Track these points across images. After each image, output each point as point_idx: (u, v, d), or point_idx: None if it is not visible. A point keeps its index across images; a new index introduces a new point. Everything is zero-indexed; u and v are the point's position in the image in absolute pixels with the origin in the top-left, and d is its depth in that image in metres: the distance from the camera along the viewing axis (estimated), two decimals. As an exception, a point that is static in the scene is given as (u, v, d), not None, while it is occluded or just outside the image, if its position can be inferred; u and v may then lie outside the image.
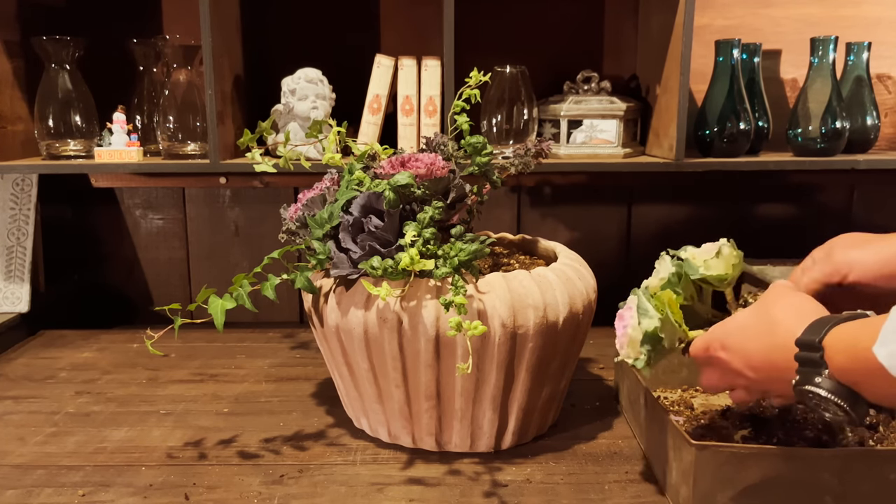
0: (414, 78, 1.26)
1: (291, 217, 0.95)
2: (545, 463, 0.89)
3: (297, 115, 1.26)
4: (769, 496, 0.73)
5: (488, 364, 0.85)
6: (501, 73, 1.27)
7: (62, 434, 0.97)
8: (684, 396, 1.03)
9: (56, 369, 1.20)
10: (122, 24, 1.40)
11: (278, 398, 1.08)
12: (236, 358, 1.25)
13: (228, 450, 0.92)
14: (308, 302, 0.93)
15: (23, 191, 1.39)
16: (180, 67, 1.26)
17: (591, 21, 1.44)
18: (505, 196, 1.51)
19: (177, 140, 1.27)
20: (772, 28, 1.41)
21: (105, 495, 0.82)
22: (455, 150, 0.98)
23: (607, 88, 1.33)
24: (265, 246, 1.51)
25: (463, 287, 0.80)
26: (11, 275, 1.37)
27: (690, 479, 0.73)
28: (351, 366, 0.91)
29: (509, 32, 1.44)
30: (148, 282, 1.55)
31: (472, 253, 0.84)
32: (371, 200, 0.87)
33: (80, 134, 1.29)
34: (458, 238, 0.89)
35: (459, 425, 0.89)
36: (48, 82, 1.27)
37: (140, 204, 1.53)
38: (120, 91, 1.34)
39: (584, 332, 0.93)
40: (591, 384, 1.13)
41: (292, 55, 1.37)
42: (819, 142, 1.29)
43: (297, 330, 1.41)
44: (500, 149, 1.27)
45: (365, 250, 0.86)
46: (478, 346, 0.83)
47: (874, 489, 0.72)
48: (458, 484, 0.84)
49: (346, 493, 0.82)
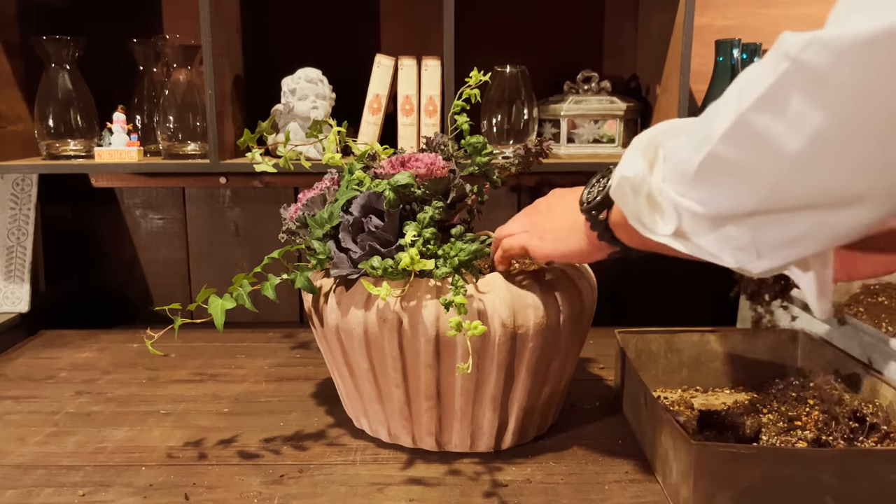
0: (414, 78, 1.26)
1: (291, 217, 0.95)
2: (545, 463, 0.89)
3: (297, 115, 1.26)
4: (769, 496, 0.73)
5: (488, 364, 0.85)
6: (501, 72, 1.27)
7: (62, 434, 0.97)
8: (684, 396, 1.03)
9: (56, 369, 1.20)
10: (122, 23, 1.40)
11: (278, 398, 1.08)
12: (236, 358, 1.25)
13: (228, 450, 0.92)
14: (308, 302, 0.93)
15: (23, 191, 1.39)
16: (180, 67, 1.26)
17: (591, 21, 1.44)
18: (505, 196, 1.51)
19: (177, 140, 1.27)
20: (772, 28, 1.41)
21: (105, 495, 0.82)
22: (455, 150, 0.98)
23: (607, 88, 1.33)
24: (265, 246, 1.51)
25: (463, 287, 0.80)
26: (11, 275, 1.37)
27: (690, 479, 0.73)
28: (351, 366, 0.90)
29: (509, 32, 1.44)
30: (148, 282, 1.55)
31: (473, 253, 0.84)
32: (371, 200, 0.87)
33: (80, 134, 1.29)
34: (458, 238, 0.89)
35: (459, 425, 0.89)
36: (48, 82, 1.27)
37: (140, 204, 1.53)
38: (120, 91, 1.34)
39: (584, 332, 0.93)
40: (591, 384, 1.13)
41: (292, 55, 1.37)
42: (819, 142, 1.29)
43: (297, 330, 1.41)
44: (500, 149, 1.27)
45: (365, 250, 0.86)
46: (478, 346, 0.83)
47: (874, 489, 0.72)
48: (458, 484, 0.84)
49: (346, 493, 0.82)
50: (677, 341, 1.08)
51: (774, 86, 0.43)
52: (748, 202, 0.48)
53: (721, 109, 0.48)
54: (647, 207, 0.58)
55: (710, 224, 0.52)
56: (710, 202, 0.51)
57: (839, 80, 0.41)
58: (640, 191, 0.58)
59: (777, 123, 0.44)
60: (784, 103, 0.43)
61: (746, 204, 0.48)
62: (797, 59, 0.42)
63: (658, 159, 0.58)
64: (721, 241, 0.52)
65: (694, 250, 0.56)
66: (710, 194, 0.51)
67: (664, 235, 0.57)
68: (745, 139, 0.46)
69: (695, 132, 0.51)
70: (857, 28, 0.39)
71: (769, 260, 0.51)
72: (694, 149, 0.50)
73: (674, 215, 0.55)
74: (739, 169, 0.47)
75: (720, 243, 0.53)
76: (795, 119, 0.43)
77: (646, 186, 0.57)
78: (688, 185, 0.52)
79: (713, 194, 0.51)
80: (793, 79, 0.43)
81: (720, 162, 0.48)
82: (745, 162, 0.47)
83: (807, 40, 0.41)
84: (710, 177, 0.50)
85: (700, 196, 0.52)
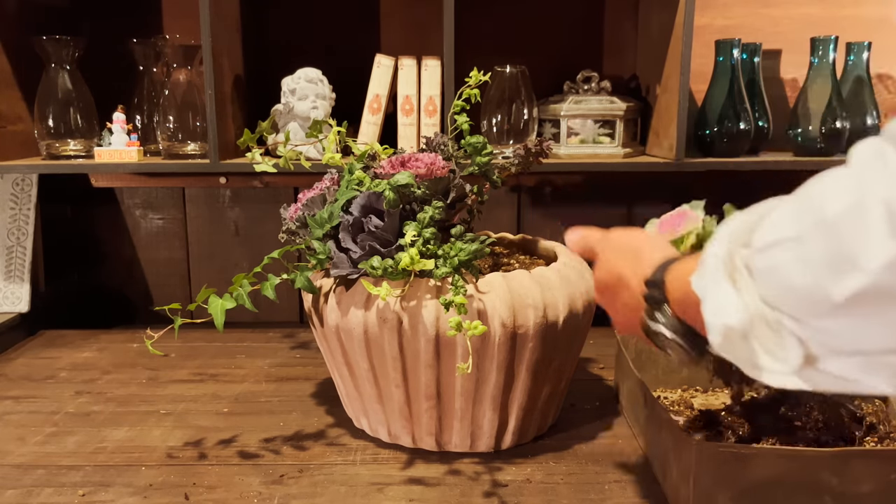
0: (414, 78, 1.26)
1: (291, 217, 0.95)
2: (545, 463, 0.89)
3: (297, 114, 1.26)
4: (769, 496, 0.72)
5: (488, 364, 0.85)
6: (501, 72, 1.27)
7: (62, 434, 0.97)
8: (684, 396, 1.03)
9: (56, 369, 1.20)
10: (122, 23, 1.40)
11: (278, 398, 1.08)
12: (236, 358, 1.25)
13: (228, 450, 0.92)
14: (308, 302, 0.93)
15: (23, 191, 1.39)
16: (180, 67, 1.26)
17: (591, 21, 1.44)
18: (505, 196, 1.51)
19: (177, 140, 1.27)
20: (772, 28, 1.41)
21: (105, 495, 0.82)
22: (455, 150, 0.98)
23: (607, 88, 1.33)
24: (265, 246, 1.51)
25: (463, 287, 0.80)
26: (11, 275, 1.37)
27: (690, 479, 0.73)
28: (351, 366, 0.90)
29: (509, 32, 1.44)
30: (148, 282, 1.55)
31: (472, 253, 0.83)
32: (371, 200, 0.87)
33: (79, 134, 1.29)
34: (458, 238, 0.89)
35: (459, 425, 0.89)
36: (48, 82, 1.27)
37: (140, 204, 1.52)
38: (120, 91, 1.34)
39: (584, 332, 0.93)
40: (591, 384, 1.13)
41: (292, 55, 1.37)
42: (819, 142, 1.29)
43: (297, 330, 1.41)
44: (500, 149, 1.27)
45: (365, 250, 0.86)
46: (478, 346, 0.83)
47: (874, 489, 0.72)
48: (458, 484, 0.84)
49: (346, 493, 0.82)
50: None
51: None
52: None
53: (854, 219, 0.39)
54: (755, 345, 0.48)
55: (857, 353, 0.43)
56: (862, 336, 0.42)
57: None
58: (749, 334, 0.47)
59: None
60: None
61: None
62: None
63: (739, 274, 0.48)
64: (872, 366, 0.43)
65: (821, 383, 0.47)
66: (862, 326, 0.41)
67: (783, 374, 0.47)
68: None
69: (810, 249, 0.42)
70: None
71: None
72: (824, 275, 0.41)
73: (795, 346, 0.45)
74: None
75: (869, 368, 0.44)
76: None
77: (755, 326, 0.47)
78: (819, 316, 0.43)
79: (868, 327, 0.41)
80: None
81: (882, 294, 0.39)
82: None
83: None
84: (865, 310, 0.40)
85: (843, 327, 0.42)
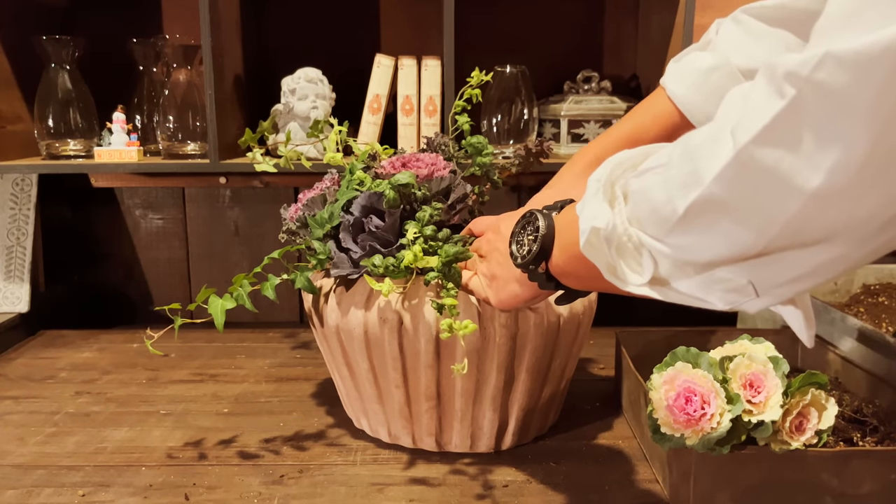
0: (414, 78, 1.26)
1: (291, 217, 0.95)
2: (545, 463, 0.89)
3: (298, 114, 1.26)
4: (769, 496, 0.73)
5: (488, 364, 0.85)
6: (502, 72, 1.27)
7: (62, 434, 0.97)
8: (684, 396, 1.03)
9: (56, 369, 1.20)
10: (122, 23, 1.40)
11: (278, 398, 1.08)
12: (236, 358, 1.25)
13: (228, 450, 0.92)
14: (308, 302, 0.93)
15: (23, 191, 1.39)
16: (180, 67, 1.26)
17: (592, 21, 1.44)
18: (505, 196, 1.51)
19: (176, 140, 1.27)
20: (772, 28, 1.41)
21: (105, 495, 0.82)
22: (456, 151, 0.98)
23: (607, 88, 1.33)
24: (265, 246, 1.51)
25: (454, 288, 0.80)
26: (11, 275, 1.37)
27: (690, 479, 0.73)
28: (351, 366, 0.90)
29: (509, 32, 1.44)
30: (148, 282, 1.55)
31: (454, 255, 0.81)
32: (372, 200, 0.87)
33: (79, 134, 1.29)
34: (445, 241, 0.88)
35: (459, 425, 0.89)
36: (48, 82, 1.27)
37: (140, 204, 1.52)
38: (120, 91, 1.34)
39: (584, 332, 0.93)
40: (591, 384, 1.13)
41: (292, 55, 1.37)
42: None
43: (297, 330, 1.41)
44: (501, 149, 1.27)
45: (365, 250, 0.86)
46: (478, 346, 0.83)
47: (874, 489, 0.72)
48: (458, 484, 0.84)
49: (346, 493, 0.82)
50: (677, 341, 1.07)
51: (781, 115, 0.38)
52: (754, 245, 0.43)
53: (708, 145, 0.43)
54: (616, 257, 0.52)
55: (696, 268, 0.47)
56: (700, 248, 0.46)
57: (863, 99, 0.35)
58: (612, 240, 0.51)
59: (788, 157, 0.39)
60: (795, 133, 0.38)
61: (751, 247, 0.43)
62: (810, 82, 0.37)
63: (616, 199, 0.52)
64: (708, 284, 0.47)
65: (672, 297, 0.51)
66: (700, 239, 0.45)
67: (638, 286, 0.52)
68: (747, 178, 0.41)
69: (672, 171, 0.46)
70: (879, 38, 0.34)
71: (768, 298, 0.46)
72: (675, 190, 0.45)
73: (649, 263, 0.50)
74: (740, 210, 0.42)
75: (706, 286, 0.48)
76: (812, 150, 0.38)
77: (617, 235, 0.51)
78: (668, 231, 0.47)
79: (705, 239, 0.45)
80: (805, 104, 0.37)
81: (714, 204, 0.43)
82: (748, 202, 0.42)
83: (817, 59, 0.36)
84: (702, 221, 0.44)
85: (686, 241, 0.46)
